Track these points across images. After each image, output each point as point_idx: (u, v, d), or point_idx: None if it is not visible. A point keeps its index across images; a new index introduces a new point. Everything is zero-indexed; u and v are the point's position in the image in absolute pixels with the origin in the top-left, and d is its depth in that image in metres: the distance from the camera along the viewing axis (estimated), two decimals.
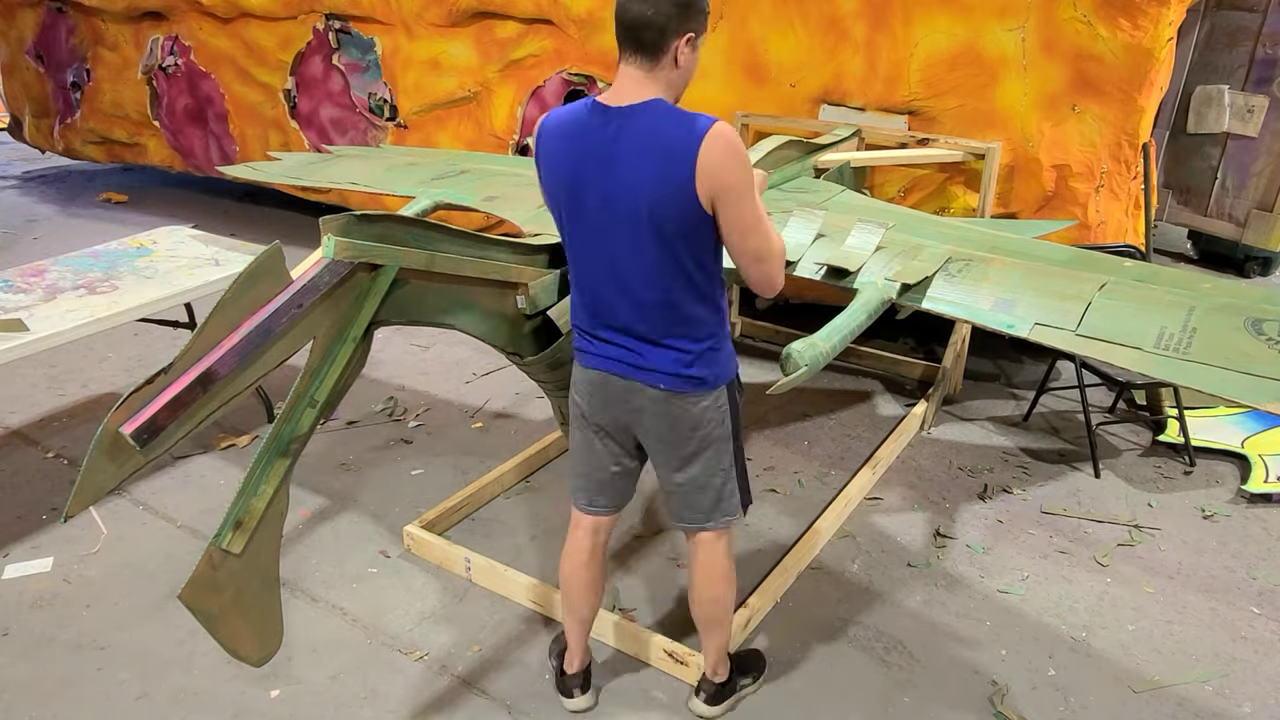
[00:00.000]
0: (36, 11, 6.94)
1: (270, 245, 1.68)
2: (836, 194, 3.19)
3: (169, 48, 6.21)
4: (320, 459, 3.41)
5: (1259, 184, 5.11)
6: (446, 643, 2.51)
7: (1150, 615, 2.64)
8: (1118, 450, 3.52)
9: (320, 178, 3.67)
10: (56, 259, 3.48)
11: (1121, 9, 3.29)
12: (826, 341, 2.07)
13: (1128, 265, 2.33)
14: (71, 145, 7.20)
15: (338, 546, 2.93)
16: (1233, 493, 3.24)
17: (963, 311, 2.18)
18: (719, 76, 4.15)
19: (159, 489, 3.22)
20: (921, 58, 3.66)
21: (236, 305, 1.65)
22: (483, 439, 3.60)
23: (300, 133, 5.79)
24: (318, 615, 2.62)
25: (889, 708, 2.30)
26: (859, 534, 2.99)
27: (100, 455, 1.59)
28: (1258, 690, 2.37)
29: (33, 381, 4.03)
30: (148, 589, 2.71)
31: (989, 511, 3.12)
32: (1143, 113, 3.46)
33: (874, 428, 3.68)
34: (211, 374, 1.62)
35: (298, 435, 1.79)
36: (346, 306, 1.77)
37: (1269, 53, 4.91)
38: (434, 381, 4.10)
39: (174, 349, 1.65)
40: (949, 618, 2.62)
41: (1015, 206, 3.74)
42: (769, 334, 4.48)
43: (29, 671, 2.41)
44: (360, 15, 5.18)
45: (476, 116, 5.02)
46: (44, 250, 5.66)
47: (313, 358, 1.77)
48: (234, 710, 2.28)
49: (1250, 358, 1.85)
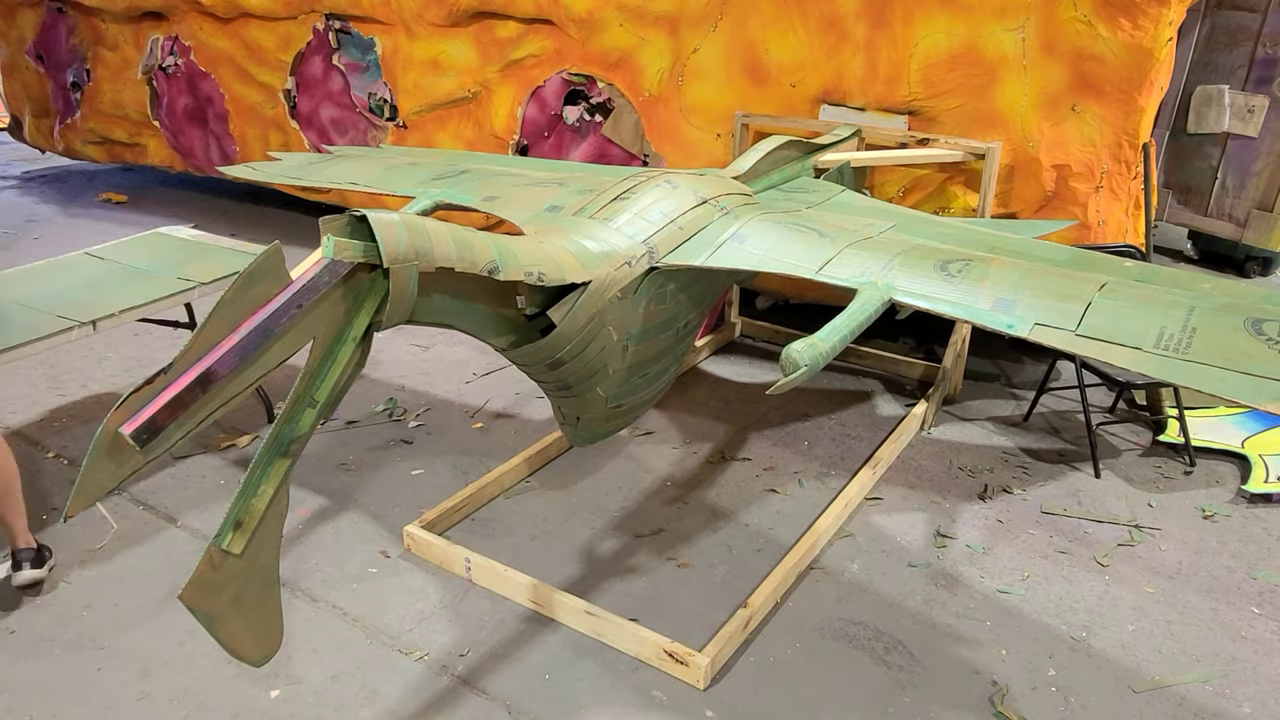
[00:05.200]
0: (36, 11, 6.94)
1: (270, 245, 1.68)
2: (836, 194, 3.20)
3: (169, 48, 6.21)
4: (320, 459, 3.41)
5: (1259, 184, 5.11)
6: (446, 643, 2.51)
7: (1150, 615, 2.64)
8: (1118, 450, 3.52)
9: (320, 178, 3.67)
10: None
11: (1122, 9, 3.29)
12: (826, 341, 2.07)
13: (1128, 265, 2.33)
14: (71, 145, 7.20)
15: (338, 546, 2.93)
16: (1233, 493, 3.24)
17: (963, 311, 2.18)
18: (719, 76, 4.15)
19: (159, 489, 3.22)
20: (921, 58, 3.66)
21: (236, 305, 1.65)
22: (483, 439, 3.60)
23: (300, 133, 5.79)
24: (318, 615, 2.62)
25: (889, 708, 2.30)
26: (859, 534, 2.99)
27: (100, 455, 1.59)
28: (1258, 690, 2.37)
29: (33, 381, 4.03)
30: (148, 589, 2.71)
31: (989, 511, 3.12)
32: (1143, 113, 3.46)
33: (874, 428, 3.68)
34: (211, 374, 1.62)
35: (298, 435, 1.79)
36: (347, 307, 1.77)
37: (1269, 53, 4.91)
38: (434, 381, 4.10)
39: (174, 349, 1.65)
40: (949, 618, 2.62)
41: (1015, 206, 3.74)
42: (769, 334, 4.48)
43: (29, 671, 2.41)
44: (360, 15, 5.18)
45: (476, 116, 5.02)
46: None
47: (312, 358, 1.77)
48: (234, 710, 2.28)
49: (1250, 358, 1.85)
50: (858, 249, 2.50)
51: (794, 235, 2.63)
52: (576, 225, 2.40)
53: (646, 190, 2.53)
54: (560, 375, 2.28)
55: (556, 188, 2.98)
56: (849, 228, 2.70)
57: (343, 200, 5.72)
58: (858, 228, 2.71)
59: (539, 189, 3.08)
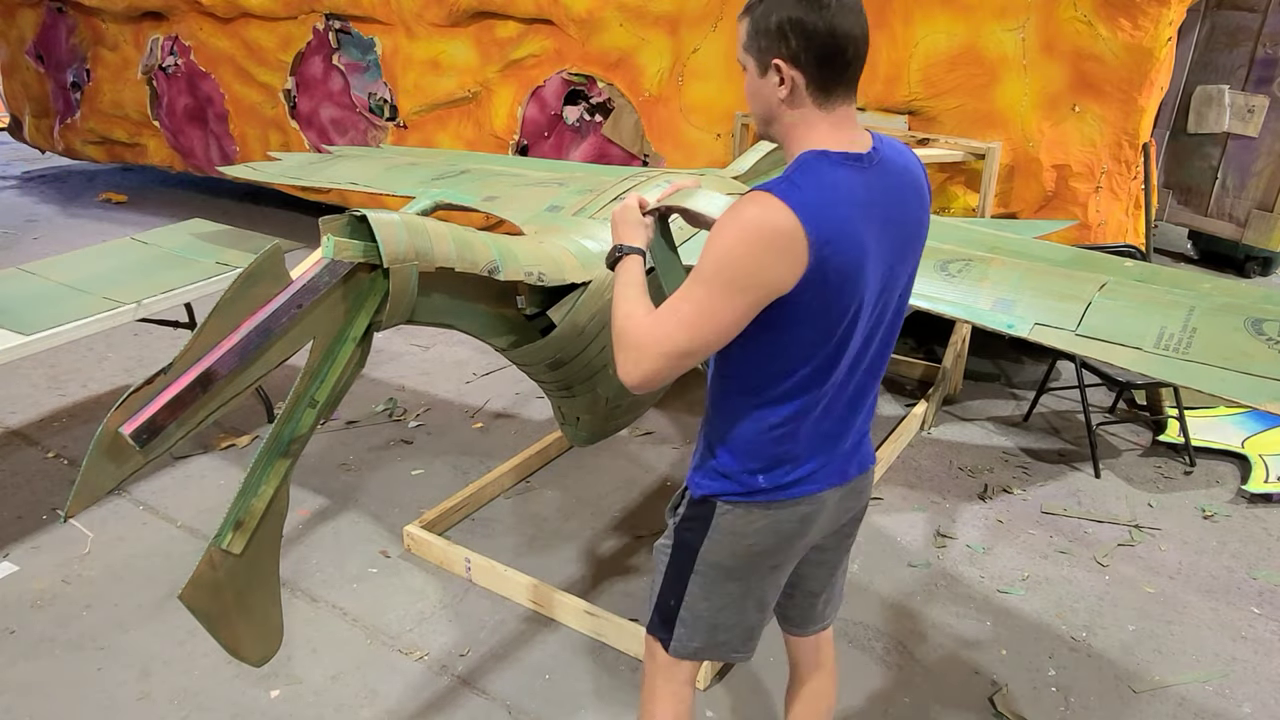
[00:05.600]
0: (36, 11, 6.94)
1: (270, 245, 1.68)
2: None
3: (169, 48, 6.21)
4: (320, 459, 3.41)
5: (1259, 184, 5.11)
6: (446, 643, 2.51)
7: (1150, 615, 2.64)
8: (1118, 450, 3.52)
9: (320, 178, 3.67)
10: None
11: (1122, 9, 3.29)
12: None
13: (1128, 265, 2.33)
14: (71, 145, 7.20)
15: (338, 546, 2.93)
16: (1233, 493, 3.24)
17: (963, 311, 2.18)
18: (719, 76, 4.15)
19: (159, 489, 3.22)
20: (921, 58, 3.66)
21: (236, 305, 1.65)
22: (483, 439, 3.60)
23: (300, 133, 5.79)
24: (318, 615, 2.62)
25: (889, 708, 2.30)
26: (859, 534, 2.98)
27: (100, 455, 1.59)
28: (1258, 690, 2.37)
29: (33, 381, 4.03)
30: (148, 589, 2.71)
31: (989, 511, 3.12)
32: (1143, 113, 3.46)
33: (874, 428, 3.67)
34: (211, 374, 1.62)
35: (298, 435, 1.79)
36: (347, 307, 1.77)
37: (1269, 53, 4.91)
38: (434, 381, 4.10)
39: (174, 349, 1.65)
40: (949, 618, 2.62)
41: (1015, 206, 3.74)
42: None
43: (29, 672, 2.41)
44: (360, 15, 5.18)
45: (476, 116, 5.02)
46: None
47: (313, 358, 1.77)
48: (234, 710, 2.28)
49: (1250, 358, 1.85)
50: None
51: None
52: (576, 225, 2.40)
53: (646, 190, 2.53)
54: (560, 375, 2.28)
55: (556, 188, 2.98)
56: None
57: (343, 200, 5.72)
58: None
59: (539, 189, 3.08)
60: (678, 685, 1.73)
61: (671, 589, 1.64)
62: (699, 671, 2.32)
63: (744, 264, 1.27)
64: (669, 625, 1.67)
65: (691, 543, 1.58)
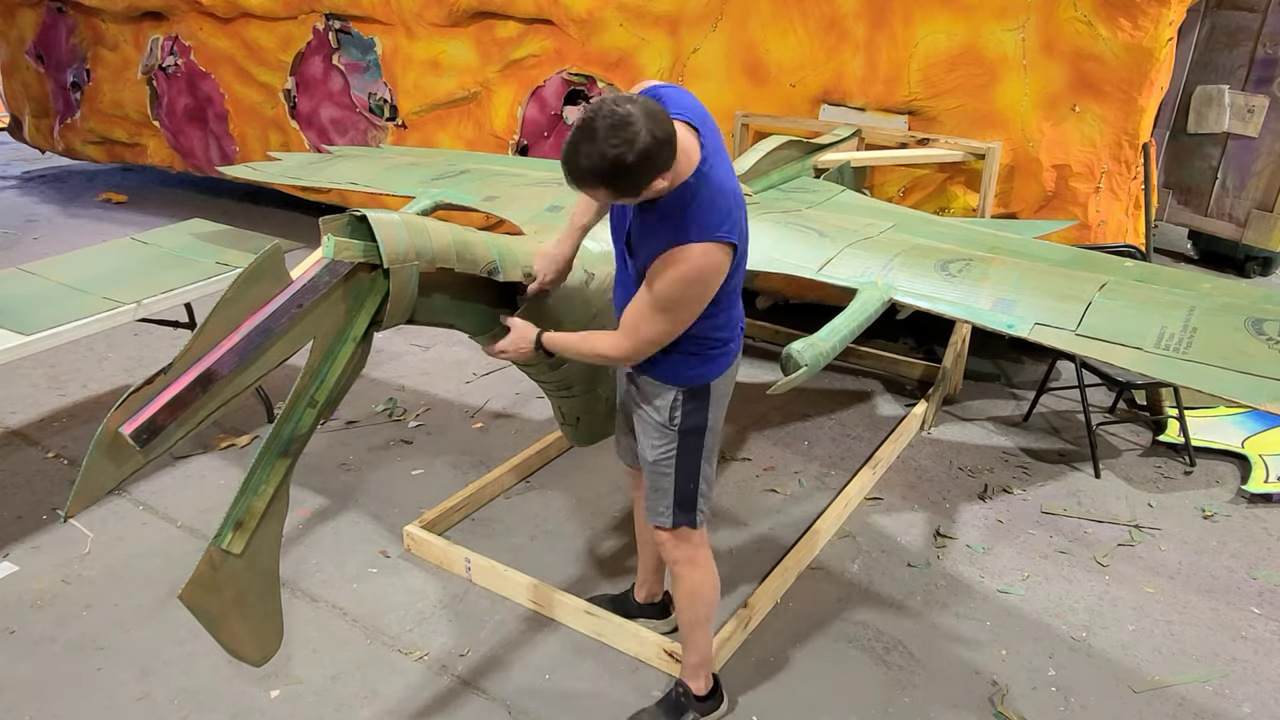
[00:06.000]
0: (36, 11, 6.94)
1: (270, 245, 1.69)
2: (836, 194, 3.20)
3: (169, 48, 6.22)
4: (320, 459, 3.41)
5: (1259, 184, 5.11)
6: (446, 643, 2.51)
7: (1150, 615, 2.64)
8: (1118, 450, 3.52)
9: (320, 178, 3.68)
10: None
11: (1122, 9, 3.29)
12: (826, 341, 2.07)
13: (1128, 265, 2.33)
14: (71, 145, 7.20)
15: (338, 546, 2.93)
16: (1233, 493, 3.24)
17: (963, 311, 2.18)
18: (719, 76, 4.15)
19: (159, 489, 3.22)
20: (921, 58, 3.66)
21: (236, 305, 1.65)
22: (483, 439, 3.60)
23: (300, 133, 5.79)
24: (318, 615, 2.62)
25: (889, 708, 2.30)
26: (859, 534, 2.99)
27: (100, 455, 1.59)
28: (1258, 690, 2.37)
29: (33, 381, 4.03)
30: (148, 589, 2.71)
31: (989, 511, 3.12)
32: (1143, 113, 3.46)
33: (874, 428, 3.68)
34: (211, 374, 1.62)
35: (298, 435, 1.79)
36: (347, 306, 1.77)
37: (1269, 53, 4.91)
38: (434, 381, 4.10)
39: (174, 349, 1.65)
40: (949, 618, 2.62)
41: (1015, 206, 3.75)
42: (769, 334, 4.48)
43: (30, 672, 2.41)
44: (360, 15, 5.18)
45: (476, 116, 5.03)
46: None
47: (313, 358, 1.77)
48: (234, 710, 2.28)
49: (1250, 358, 1.86)
50: (858, 249, 2.50)
51: (794, 235, 2.63)
52: None
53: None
54: (560, 376, 2.28)
55: (556, 188, 2.98)
56: (849, 228, 2.70)
57: (343, 200, 5.72)
58: (858, 228, 2.72)
59: (539, 189, 3.08)
60: (708, 549, 2.10)
61: (688, 477, 1.97)
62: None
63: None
64: (691, 506, 2.00)
65: (699, 424, 1.93)
